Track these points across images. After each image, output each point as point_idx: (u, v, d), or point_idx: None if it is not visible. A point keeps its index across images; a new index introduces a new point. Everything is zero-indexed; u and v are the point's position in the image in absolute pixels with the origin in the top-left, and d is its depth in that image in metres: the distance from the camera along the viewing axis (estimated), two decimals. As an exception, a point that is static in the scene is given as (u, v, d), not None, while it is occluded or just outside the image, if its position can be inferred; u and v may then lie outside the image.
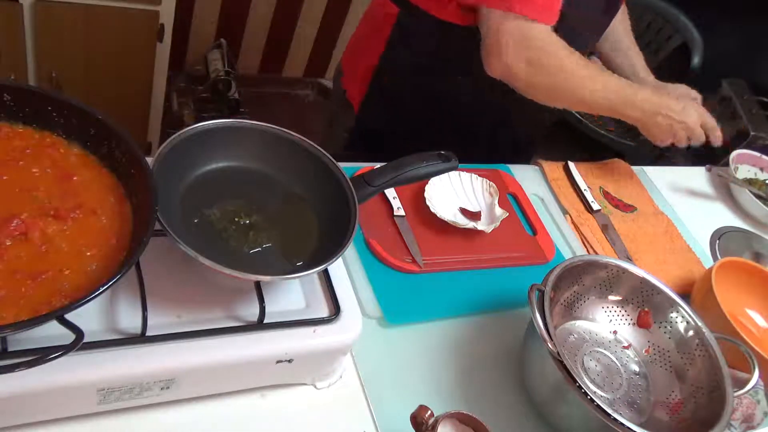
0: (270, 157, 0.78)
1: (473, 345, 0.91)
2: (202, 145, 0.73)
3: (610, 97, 1.07)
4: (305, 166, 0.78)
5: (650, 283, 0.93)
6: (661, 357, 0.92)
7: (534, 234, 1.11)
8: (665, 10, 2.55)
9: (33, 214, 0.60)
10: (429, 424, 0.70)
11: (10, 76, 1.72)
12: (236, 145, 0.76)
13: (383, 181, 0.78)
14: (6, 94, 0.64)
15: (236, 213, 0.72)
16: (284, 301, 0.72)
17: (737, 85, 2.44)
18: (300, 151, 0.78)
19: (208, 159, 0.75)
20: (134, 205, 0.64)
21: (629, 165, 1.41)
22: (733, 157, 1.50)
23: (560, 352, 0.74)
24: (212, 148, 0.75)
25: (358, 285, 0.89)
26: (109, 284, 0.53)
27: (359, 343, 0.76)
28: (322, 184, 0.77)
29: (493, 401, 0.85)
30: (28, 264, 0.56)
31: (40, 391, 0.57)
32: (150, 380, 0.62)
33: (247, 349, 0.66)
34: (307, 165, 0.78)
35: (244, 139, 0.77)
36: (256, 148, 0.77)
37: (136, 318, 0.61)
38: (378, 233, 0.97)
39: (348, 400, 0.78)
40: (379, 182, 0.77)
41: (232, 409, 0.71)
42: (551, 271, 0.85)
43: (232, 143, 0.76)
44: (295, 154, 0.78)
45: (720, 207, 1.44)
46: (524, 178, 1.23)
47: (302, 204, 0.77)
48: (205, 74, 2.36)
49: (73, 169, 0.65)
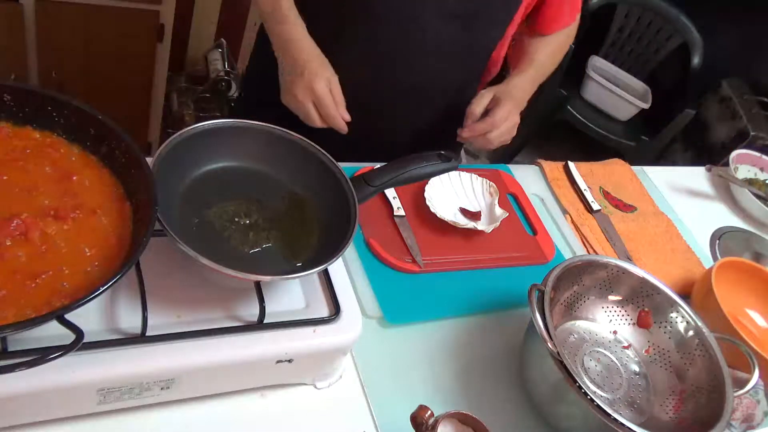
0: (270, 157, 0.78)
1: (473, 345, 0.91)
2: (202, 145, 0.73)
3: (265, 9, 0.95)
4: (305, 166, 0.78)
5: (650, 283, 0.93)
6: (661, 357, 0.92)
7: (534, 234, 1.11)
8: (665, 10, 2.55)
9: (33, 214, 0.60)
10: (429, 424, 0.70)
11: (11, 76, 1.72)
12: (236, 145, 0.76)
13: (383, 181, 0.78)
14: (6, 94, 0.64)
15: (236, 213, 0.72)
16: (284, 301, 0.72)
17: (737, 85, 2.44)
18: (299, 151, 0.78)
19: (208, 159, 0.75)
20: (134, 205, 0.64)
21: (629, 165, 1.41)
22: (733, 157, 1.50)
23: (560, 352, 0.74)
24: (212, 148, 0.75)
25: (358, 285, 0.89)
26: (109, 284, 0.53)
27: (359, 343, 0.75)
28: (322, 184, 0.77)
29: (493, 401, 0.85)
30: (28, 264, 0.56)
31: (40, 391, 0.57)
32: (150, 380, 0.62)
33: (247, 349, 0.66)
34: (306, 165, 0.78)
35: (245, 139, 0.77)
36: (256, 148, 0.77)
37: (136, 318, 0.61)
38: (378, 233, 0.97)
39: (348, 400, 0.78)
40: (379, 182, 0.77)
41: (232, 409, 0.71)
42: (551, 271, 0.85)
43: (232, 143, 0.76)
44: (295, 154, 0.78)
45: (720, 207, 1.44)
46: (524, 178, 1.23)
47: (302, 204, 0.77)
48: (205, 74, 2.35)
49: (73, 169, 0.65)
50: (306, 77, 0.89)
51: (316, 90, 0.89)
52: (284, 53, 0.93)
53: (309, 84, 0.89)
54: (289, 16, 0.94)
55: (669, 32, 2.59)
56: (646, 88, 2.69)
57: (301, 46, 0.92)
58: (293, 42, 0.93)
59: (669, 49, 2.64)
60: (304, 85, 0.89)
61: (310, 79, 0.89)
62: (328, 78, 0.91)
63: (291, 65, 0.92)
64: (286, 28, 0.94)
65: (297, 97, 0.90)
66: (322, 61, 0.93)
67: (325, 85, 0.89)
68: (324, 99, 0.89)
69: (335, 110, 0.91)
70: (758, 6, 2.45)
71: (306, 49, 0.92)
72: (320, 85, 0.89)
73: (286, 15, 0.94)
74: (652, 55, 2.70)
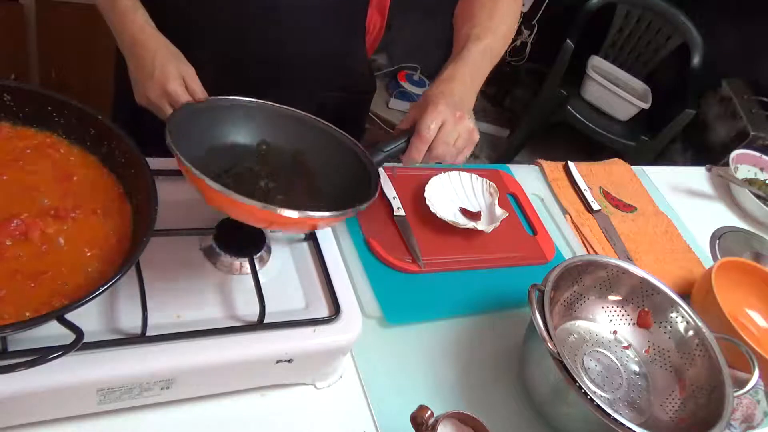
0: (285, 134, 0.79)
1: (473, 345, 0.91)
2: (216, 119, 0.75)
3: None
4: (319, 140, 0.79)
5: (650, 283, 0.93)
6: (661, 357, 0.92)
7: (534, 234, 1.11)
8: (665, 10, 2.55)
9: (33, 214, 0.60)
10: (429, 424, 0.70)
11: (11, 76, 1.72)
12: (250, 122, 0.78)
13: (396, 144, 0.79)
14: (6, 94, 0.64)
15: (257, 176, 0.73)
16: (284, 301, 0.72)
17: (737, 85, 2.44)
18: (311, 127, 0.79)
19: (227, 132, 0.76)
20: (134, 205, 0.64)
21: (629, 165, 1.41)
22: (733, 157, 1.50)
23: (560, 352, 0.74)
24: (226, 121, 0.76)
25: (358, 285, 0.89)
26: (109, 284, 0.53)
27: (359, 343, 0.76)
28: (338, 155, 0.78)
29: (493, 401, 0.85)
30: (29, 264, 0.56)
31: (40, 391, 0.57)
32: (150, 380, 0.62)
33: (247, 349, 0.66)
34: (319, 138, 0.79)
35: (257, 117, 0.78)
36: (271, 127, 0.79)
37: (136, 318, 0.61)
38: (378, 233, 0.97)
39: (348, 400, 0.78)
40: (391, 146, 0.78)
41: (232, 409, 0.71)
42: (551, 271, 0.85)
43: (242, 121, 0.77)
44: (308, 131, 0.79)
45: (720, 207, 1.44)
46: (524, 178, 1.23)
47: (319, 175, 0.78)
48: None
49: (73, 169, 0.65)
50: (156, 77, 0.79)
51: (169, 91, 0.79)
52: (128, 51, 0.83)
53: (161, 85, 0.79)
54: (124, 5, 0.84)
55: (669, 32, 2.59)
56: (646, 88, 2.69)
57: (145, 41, 0.82)
58: (135, 36, 0.82)
59: (669, 49, 2.64)
60: (155, 86, 0.80)
61: (161, 80, 0.79)
62: (181, 73, 0.81)
63: (138, 65, 0.82)
64: (124, 19, 0.83)
65: (151, 100, 0.81)
66: (171, 54, 0.82)
67: (178, 83, 0.80)
68: (181, 99, 0.80)
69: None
70: (758, 6, 2.45)
71: (151, 44, 0.82)
72: (173, 85, 0.79)
73: (121, 3, 0.84)
74: (652, 55, 2.70)
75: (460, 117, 0.79)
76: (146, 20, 0.84)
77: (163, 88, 0.79)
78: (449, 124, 0.79)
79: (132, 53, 0.82)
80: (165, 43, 0.83)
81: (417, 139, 0.78)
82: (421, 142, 0.78)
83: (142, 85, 0.81)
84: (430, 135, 0.78)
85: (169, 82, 0.79)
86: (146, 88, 0.80)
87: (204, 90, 0.82)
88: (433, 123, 0.78)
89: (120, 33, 0.84)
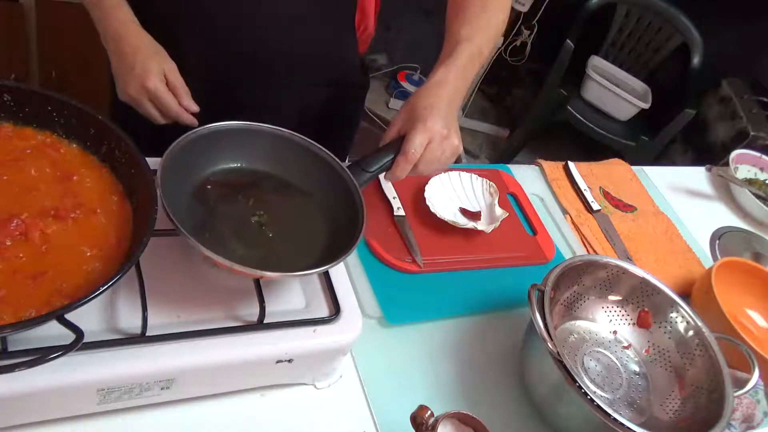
0: (272, 157, 0.78)
1: (473, 345, 0.91)
2: (208, 147, 0.73)
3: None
4: (306, 164, 0.78)
5: (650, 283, 0.93)
6: (661, 357, 0.92)
7: (534, 234, 1.11)
8: (665, 10, 2.55)
9: (33, 214, 0.60)
10: (429, 424, 0.70)
11: (11, 76, 1.72)
12: (239, 147, 0.76)
13: (379, 165, 0.78)
14: (6, 94, 0.64)
15: (243, 213, 0.72)
16: (284, 301, 0.72)
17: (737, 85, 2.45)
18: (298, 149, 0.78)
19: (214, 161, 0.75)
20: (134, 205, 0.64)
21: (629, 165, 1.41)
22: (733, 157, 1.50)
23: (560, 352, 0.74)
24: (218, 150, 0.75)
25: (358, 285, 0.89)
26: (109, 284, 0.53)
27: (359, 343, 0.76)
28: (324, 177, 0.77)
29: (493, 401, 0.85)
30: (28, 264, 0.56)
31: (40, 391, 0.57)
32: (150, 380, 0.62)
33: (247, 349, 0.66)
34: (305, 160, 0.78)
35: (244, 142, 0.77)
36: (256, 150, 0.78)
37: (136, 318, 0.61)
38: (378, 233, 0.97)
39: (348, 400, 0.78)
40: (375, 167, 0.78)
41: (232, 409, 0.71)
42: (551, 271, 0.85)
43: (234, 146, 0.76)
44: (294, 152, 0.78)
45: (720, 207, 1.44)
46: (524, 178, 1.23)
47: (307, 201, 0.77)
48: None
49: (73, 169, 0.65)
50: (136, 73, 0.79)
51: (148, 87, 0.79)
52: (110, 46, 0.83)
53: (141, 81, 0.79)
54: (109, 1, 0.83)
55: (669, 32, 2.59)
56: (646, 88, 2.69)
57: (127, 36, 0.81)
58: (117, 31, 0.82)
59: (669, 49, 2.64)
60: (135, 82, 0.80)
61: (141, 76, 0.79)
62: (162, 69, 0.80)
63: (120, 61, 0.81)
64: (107, 15, 0.83)
65: (131, 96, 0.81)
66: (153, 51, 0.82)
67: (159, 80, 0.80)
68: (161, 95, 0.79)
69: (176, 105, 0.82)
70: (758, 6, 2.45)
71: (132, 39, 0.81)
72: (153, 81, 0.79)
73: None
74: (652, 55, 2.70)
75: (446, 136, 0.79)
76: (130, 16, 0.84)
77: (142, 84, 0.79)
78: (435, 142, 0.78)
79: (114, 49, 0.82)
80: (147, 39, 0.83)
81: (402, 158, 0.78)
82: (406, 162, 0.78)
83: (122, 81, 0.81)
84: (415, 156, 0.78)
85: (149, 79, 0.79)
86: (126, 84, 0.80)
87: (185, 85, 0.82)
88: (420, 144, 0.77)
89: (103, 28, 0.84)
